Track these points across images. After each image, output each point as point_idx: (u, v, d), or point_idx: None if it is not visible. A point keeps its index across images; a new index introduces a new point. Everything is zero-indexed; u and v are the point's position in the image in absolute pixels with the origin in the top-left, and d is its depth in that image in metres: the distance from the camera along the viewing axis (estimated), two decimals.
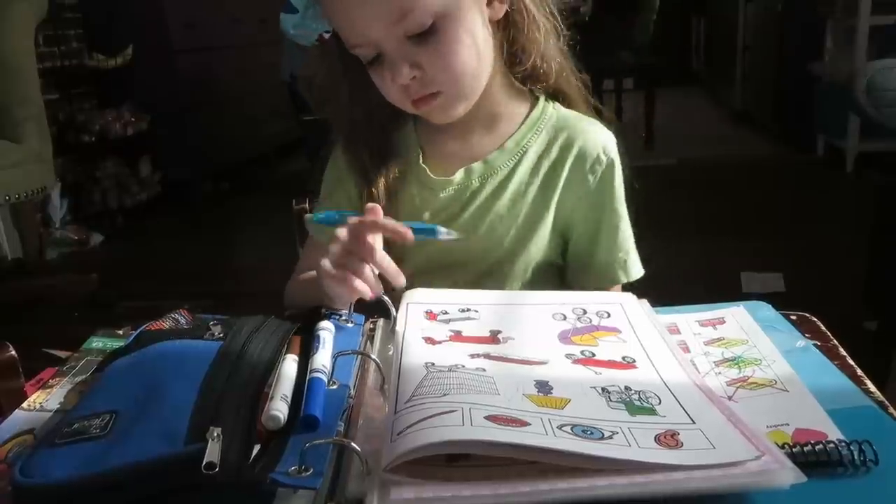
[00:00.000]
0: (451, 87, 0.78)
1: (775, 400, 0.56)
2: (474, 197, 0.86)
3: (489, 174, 0.86)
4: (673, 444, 0.48)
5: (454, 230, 0.80)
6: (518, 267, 0.87)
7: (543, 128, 0.87)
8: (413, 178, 0.87)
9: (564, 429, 0.49)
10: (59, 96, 3.44)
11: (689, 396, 0.56)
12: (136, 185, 3.65)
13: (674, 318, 0.74)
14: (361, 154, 0.86)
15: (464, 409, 0.50)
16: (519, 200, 0.86)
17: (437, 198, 0.86)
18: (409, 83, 0.76)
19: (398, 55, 0.74)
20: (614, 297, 0.77)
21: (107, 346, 0.74)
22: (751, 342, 0.67)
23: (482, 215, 0.85)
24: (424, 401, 0.53)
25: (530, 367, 0.62)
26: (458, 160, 0.87)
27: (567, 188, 0.86)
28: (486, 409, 0.51)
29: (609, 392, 0.56)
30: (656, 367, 0.61)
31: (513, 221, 0.86)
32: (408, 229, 0.69)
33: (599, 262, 0.88)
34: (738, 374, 0.61)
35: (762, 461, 0.46)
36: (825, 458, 0.48)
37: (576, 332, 0.69)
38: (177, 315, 0.71)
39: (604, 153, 0.87)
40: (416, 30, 0.73)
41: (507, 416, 0.50)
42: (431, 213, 0.86)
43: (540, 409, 0.53)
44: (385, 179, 0.85)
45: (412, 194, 0.87)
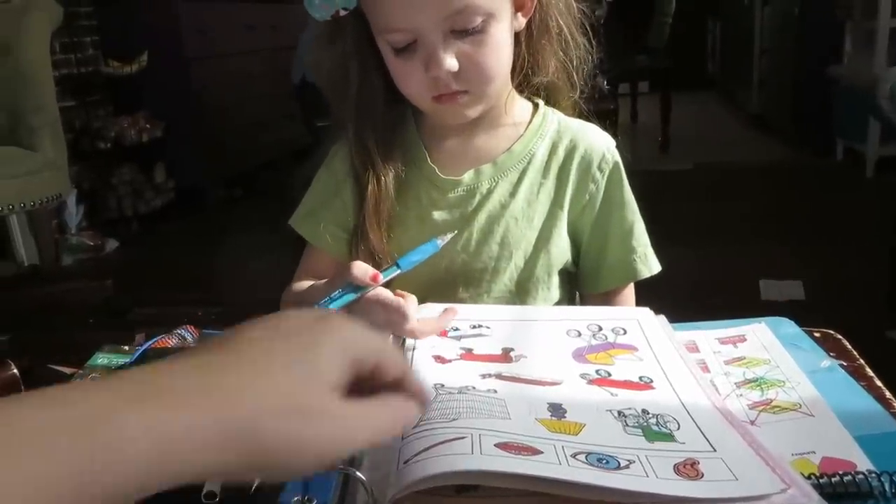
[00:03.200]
0: (480, 87, 0.78)
1: (800, 425, 0.54)
2: (487, 198, 0.85)
3: (500, 176, 0.85)
4: (693, 474, 0.46)
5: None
6: (540, 272, 0.86)
7: (547, 133, 0.87)
8: (420, 177, 0.86)
9: (579, 457, 0.47)
10: (75, 103, 3.46)
11: (710, 421, 0.54)
12: (151, 192, 3.66)
13: (692, 335, 0.72)
14: (369, 145, 0.84)
15: (473, 436, 0.48)
16: (533, 202, 0.86)
17: (446, 198, 0.85)
18: (441, 76, 0.75)
19: (441, 47, 0.74)
20: (631, 312, 0.75)
21: (112, 362, 0.72)
22: (773, 362, 0.64)
23: (498, 217, 0.85)
24: (433, 426, 0.51)
25: (543, 388, 0.60)
26: (464, 162, 0.86)
27: (576, 191, 0.86)
28: (497, 436, 0.49)
29: (626, 416, 0.54)
30: (674, 388, 0.59)
31: (528, 223, 0.85)
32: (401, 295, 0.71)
33: (613, 262, 0.88)
34: (761, 396, 0.59)
35: (788, 494, 0.44)
36: (854, 490, 0.46)
37: (591, 350, 0.67)
38: (182, 331, 0.69)
39: (608, 154, 0.87)
40: (465, 26, 0.73)
41: (518, 444, 0.48)
42: (441, 213, 0.85)
43: (553, 435, 0.51)
44: (395, 173, 0.84)
45: (419, 194, 0.86)
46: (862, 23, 3.78)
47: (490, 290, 0.86)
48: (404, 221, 0.85)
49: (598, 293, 0.89)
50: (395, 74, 0.79)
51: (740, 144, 4.84)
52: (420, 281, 0.84)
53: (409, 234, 0.84)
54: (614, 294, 0.89)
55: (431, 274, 0.84)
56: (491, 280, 0.85)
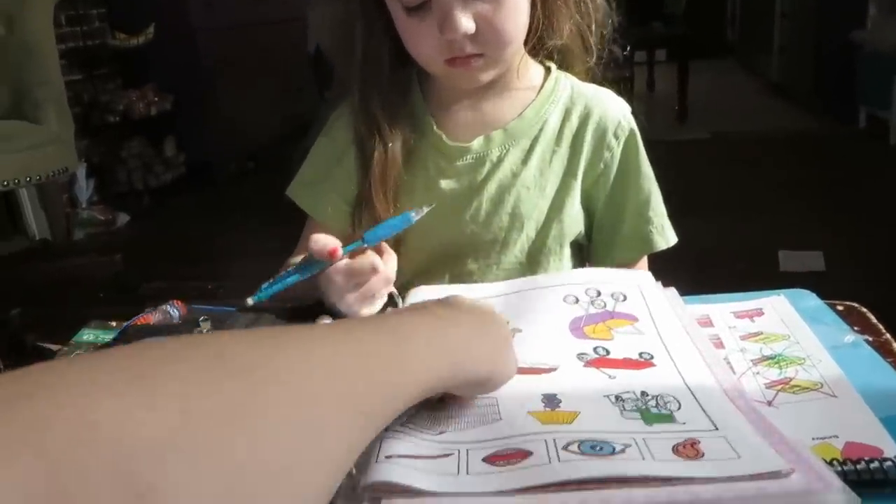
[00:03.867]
0: (496, 51, 0.75)
1: (822, 407, 0.50)
2: (497, 166, 0.81)
3: (510, 143, 0.82)
4: (693, 454, 0.43)
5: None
6: (552, 243, 0.83)
7: (560, 98, 0.84)
8: (426, 144, 0.82)
9: (571, 447, 0.44)
10: (82, 77, 3.43)
11: (713, 399, 0.50)
12: (161, 166, 3.64)
13: (706, 308, 0.68)
14: (375, 111, 0.80)
15: (460, 452, 0.45)
16: (545, 170, 0.82)
17: (453, 165, 0.82)
18: (456, 39, 0.72)
19: (458, 7, 0.70)
20: (630, 276, 0.70)
21: (98, 338, 0.70)
22: (793, 337, 0.60)
23: (508, 186, 0.81)
24: (420, 434, 0.48)
25: (538, 377, 0.56)
26: (472, 128, 0.82)
27: (591, 159, 0.83)
28: (484, 448, 0.46)
29: (623, 401, 0.51)
30: (676, 365, 0.55)
31: (541, 193, 0.82)
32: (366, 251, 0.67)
33: (627, 233, 0.84)
34: (779, 374, 0.55)
35: (802, 479, 0.40)
36: (882, 478, 0.42)
37: (588, 321, 0.63)
38: (169, 307, 0.66)
39: (624, 121, 0.84)
40: None
41: (507, 452, 0.45)
42: (448, 182, 0.82)
43: (544, 428, 0.47)
44: (402, 140, 0.81)
45: (426, 162, 0.82)
46: None
47: (500, 262, 0.82)
48: (411, 190, 0.82)
49: (611, 265, 0.85)
50: (406, 35, 0.75)
51: (760, 113, 4.74)
52: (427, 252, 0.82)
53: (417, 202, 0.80)
54: (627, 267, 0.85)
55: (438, 245, 0.82)
56: (501, 251, 0.82)
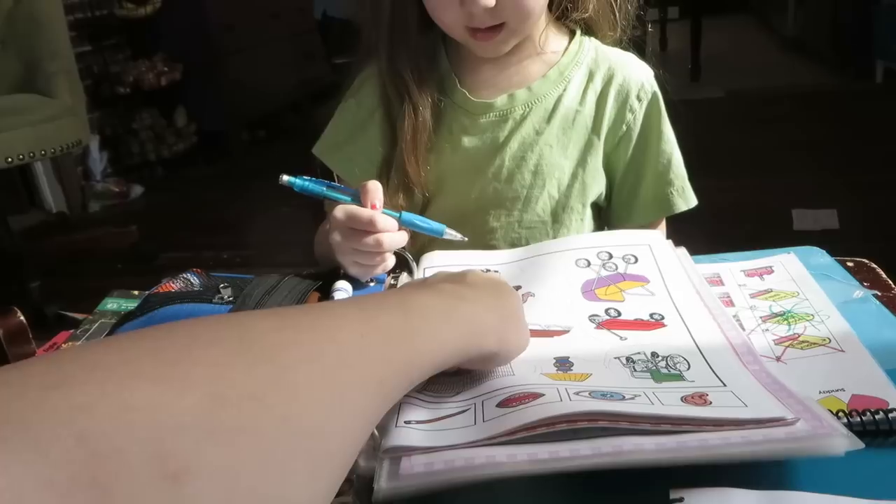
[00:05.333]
0: (518, 22, 0.76)
1: (829, 361, 0.51)
2: (520, 124, 0.82)
3: (534, 102, 0.83)
4: (701, 402, 0.44)
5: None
6: (575, 202, 0.84)
7: (583, 60, 0.84)
8: (450, 103, 0.83)
9: (582, 394, 0.45)
10: (91, 48, 3.43)
11: (722, 359, 0.51)
12: (173, 136, 3.65)
13: (717, 267, 0.68)
14: (404, 74, 0.81)
15: (476, 406, 0.47)
16: (568, 129, 0.83)
17: (477, 123, 0.83)
18: (477, 12, 0.72)
19: None
20: (642, 236, 0.71)
21: (122, 307, 0.72)
22: (802, 294, 0.61)
23: (532, 143, 0.82)
24: (438, 398, 0.49)
25: (551, 339, 0.57)
26: (496, 88, 0.83)
27: (614, 121, 0.84)
28: (499, 395, 0.47)
29: (634, 362, 0.52)
30: (687, 325, 0.57)
31: (563, 151, 0.83)
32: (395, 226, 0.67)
33: (648, 195, 0.85)
34: (788, 331, 0.56)
35: (807, 425, 0.41)
36: (886, 429, 0.43)
37: (600, 283, 0.64)
38: (189, 275, 0.68)
39: (647, 84, 0.85)
40: None
41: (520, 395, 0.46)
42: (471, 139, 0.83)
43: (556, 382, 0.49)
44: (431, 102, 0.82)
45: (449, 120, 0.83)
46: None
47: (522, 220, 0.84)
48: (436, 148, 0.83)
49: (630, 227, 0.86)
50: (430, 4, 0.77)
51: (775, 69, 4.66)
52: (450, 208, 0.84)
53: (442, 162, 0.83)
54: (647, 228, 0.86)
55: (462, 202, 0.83)
56: (523, 209, 0.84)
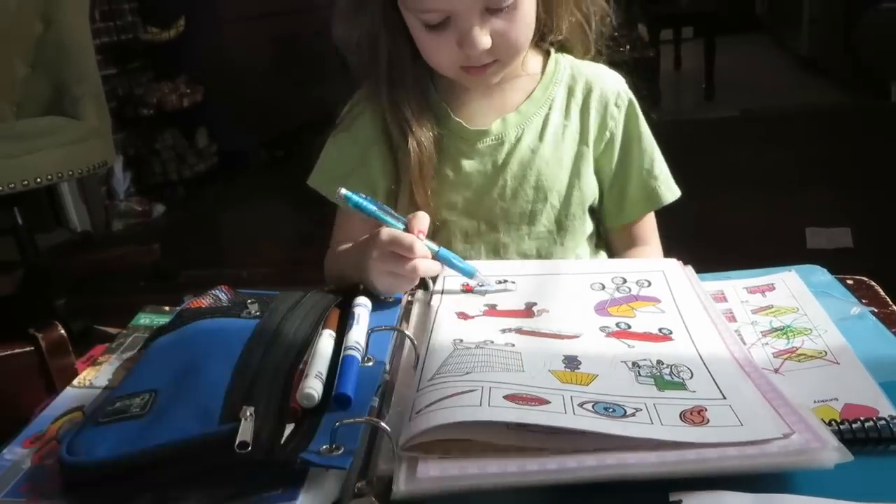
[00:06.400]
0: (509, 57, 0.82)
1: (824, 373, 0.54)
2: (516, 146, 0.87)
3: (525, 123, 0.88)
4: (698, 420, 0.47)
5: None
6: (576, 208, 0.89)
7: (562, 78, 0.90)
8: (447, 133, 0.88)
9: (585, 406, 0.48)
10: (116, 71, 3.51)
11: (724, 370, 0.54)
12: (194, 156, 3.72)
13: (721, 284, 0.71)
14: (405, 110, 0.86)
15: (483, 389, 0.50)
16: (560, 143, 0.89)
17: (475, 149, 0.88)
18: (475, 54, 0.78)
19: (477, 26, 0.76)
20: (656, 264, 0.74)
21: (154, 322, 0.75)
22: (801, 310, 0.64)
23: (529, 162, 0.87)
24: (447, 379, 0.52)
25: (561, 341, 0.60)
26: (488, 114, 0.88)
27: (598, 129, 0.90)
28: (507, 388, 0.50)
29: (640, 367, 0.55)
30: (693, 339, 0.59)
31: (559, 165, 0.88)
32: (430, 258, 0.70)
33: (636, 192, 0.91)
34: (787, 344, 0.59)
35: (801, 438, 0.44)
36: (875, 436, 0.46)
37: (613, 303, 0.67)
38: (217, 291, 0.72)
39: (622, 92, 0.91)
40: (500, 4, 0.76)
41: (527, 395, 0.49)
42: (472, 163, 0.87)
43: (563, 386, 0.52)
44: (432, 133, 0.86)
45: (448, 149, 0.88)
46: None
47: (530, 232, 0.89)
48: (439, 175, 0.88)
49: (622, 224, 0.93)
50: (425, 48, 0.82)
51: (789, 89, 4.67)
52: (461, 229, 0.89)
53: (448, 187, 0.88)
54: (637, 223, 0.93)
55: (471, 223, 0.88)
56: (530, 223, 0.89)
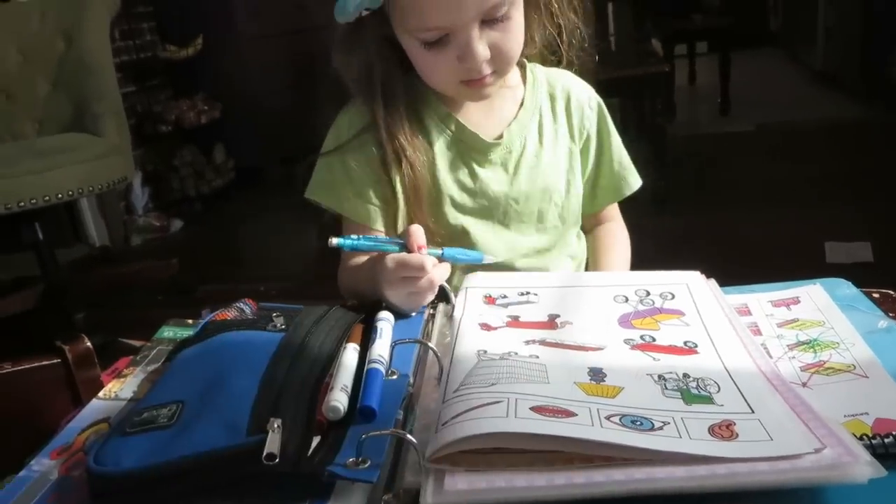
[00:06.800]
0: (504, 68, 0.84)
1: (853, 387, 0.53)
2: (522, 154, 0.92)
3: (525, 131, 0.93)
4: (727, 434, 0.46)
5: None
6: (574, 203, 0.96)
7: (541, 85, 0.96)
8: (460, 145, 0.91)
9: (612, 419, 0.48)
10: (135, 88, 3.57)
11: (751, 384, 0.53)
12: (212, 172, 3.76)
13: (745, 297, 0.71)
14: (399, 136, 0.87)
15: (509, 400, 0.49)
16: (555, 145, 0.95)
17: (488, 158, 0.91)
18: (476, 67, 0.80)
19: (475, 38, 0.78)
20: (680, 276, 0.74)
21: (177, 335, 0.76)
22: (827, 323, 0.63)
23: (536, 167, 0.93)
24: (472, 390, 0.52)
25: (585, 353, 0.60)
26: (489, 126, 0.92)
27: (579, 128, 0.96)
28: (533, 400, 0.50)
29: (666, 380, 0.54)
30: (719, 353, 0.59)
31: (558, 165, 0.94)
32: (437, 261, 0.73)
33: (606, 183, 1.00)
34: (814, 358, 0.58)
35: (832, 453, 0.43)
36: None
37: (637, 316, 0.67)
38: (242, 304, 0.72)
39: (593, 95, 0.99)
40: (494, 16, 0.78)
41: (553, 407, 0.49)
42: (487, 172, 0.91)
43: (589, 399, 0.51)
44: (426, 157, 0.89)
45: (464, 159, 0.91)
46: None
47: (539, 229, 0.94)
48: (461, 185, 0.90)
49: (594, 211, 1.02)
50: (424, 67, 0.84)
51: (805, 103, 4.65)
52: (485, 229, 0.92)
53: (465, 195, 0.90)
54: (605, 210, 1.03)
55: (491, 224, 0.91)
56: (539, 220, 0.94)
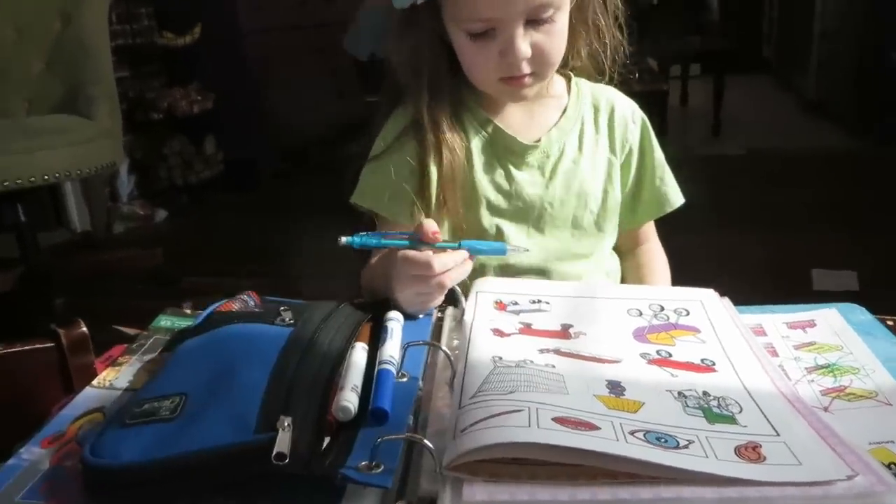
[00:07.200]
0: (544, 70, 0.86)
1: (877, 414, 0.52)
2: (560, 158, 0.93)
3: (565, 138, 0.94)
4: (755, 457, 0.45)
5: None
6: (610, 212, 0.96)
7: (586, 97, 0.98)
8: (496, 147, 0.92)
9: (637, 435, 0.46)
10: (129, 74, 3.51)
11: (774, 406, 0.52)
12: (201, 164, 3.71)
13: (759, 318, 0.70)
14: (442, 122, 0.88)
15: (530, 409, 0.48)
16: (594, 154, 0.96)
17: (524, 161, 0.92)
18: (516, 63, 0.82)
19: (519, 35, 0.80)
20: (694, 293, 0.73)
21: (175, 324, 0.74)
22: (846, 348, 0.62)
23: (572, 173, 0.94)
24: (490, 397, 0.51)
25: (602, 365, 0.59)
26: (530, 129, 0.94)
27: (622, 141, 0.97)
28: (554, 410, 0.48)
29: (686, 397, 0.53)
30: (737, 372, 0.58)
31: (595, 175, 0.95)
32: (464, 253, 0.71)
33: (648, 196, 0.99)
34: (834, 382, 0.57)
35: (865, 481, 0.42)
36: None
37: (652, 330, 0.66)
38: (246, 297, 0.70)
39: (637, 110, 0.99)
40: (540, 16, 0.80)
41: (576, 419, 0.48)
42: (523, 174, 0.92)
43: (611, 412, 0.50)
44: (465, 146, 0.90)
45: (501, 160, 0.92)
46: None
47: (573, 234, 0.95)
48: (496, 186, 0.91)
49: (632, 227, 1.01)
50: (467, 58, 0.86)
51: (796, 131, 4.70)
52: (517, 232, 0.92)
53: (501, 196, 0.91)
54: (644, 228, 1.03)
55: (525, 227, 0.92)
56: (574, 226, 0.95)
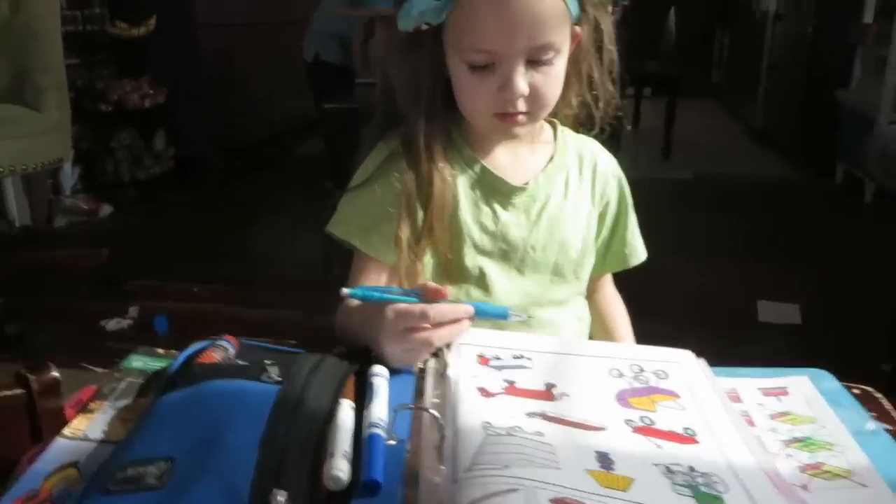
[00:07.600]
0: (538, 111, 0.87)
1: (855, 496, 0.54)
2: (546, 205, 0.94)
3: (551, 184, 0.95)
4: None
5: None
6: (587, 260, 0.98)
7: (570, 146, 0.99)
8: (484, 186, 0.92)
9: None
10: (78, 62, 3.40)
11: (757, 483, 0.54)
12: (150, 159, 3.61)
13: (733, 382, 0.72)
14: (435, 149, 0.88)
15: (527, 490, 0.48)
16: (577, 203, 0.97)
17: (511, 202, 0.93)
18: (513, 99, 0.82)
19: (519, 71, 0.81)
20: (671, 354, 0.74)
21: (147, 366, 0.71)
22: (819, 421, 0.64)
23: (558, 219, 0.94)
24: (485, 472, 0.51)
25: (589, 433, 0.60)
26: (513, 171, 0.93)
27: (601, 194, 0.99)
28: (550, 490, 0.49)
29: (673, 472, 0.54)
30: (719, 445, 0.59)
31: (577, 222, 0.96)
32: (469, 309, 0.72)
33: (615, 250, 1.02)
34: (810, 458, 0.59)
35: None
36: None
37: (634, 394, 0.67)
38: (224, 342, 0.68)
39: (616, 167, 1.02)
40: (540, 57, 0.81)
41: (571, 500, 0.48)
42: (509, 216, 0.92)
43: (604, 491, 0.51)
44: (452, 177, 0.90)
45: (487, 200, 0.92)
46: (874, 50, 3.79)
47: (553, 279, 0.96)
48: (480, 226, 0.91)
49: (596, 275, 1.03)
50: (465, 89, 0.86)
51: (742, 157, 4.86)
52: (500, 274, 0.93)
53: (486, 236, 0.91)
54: (606, 276, 1.07)
55: (508, 270, 0.93)
56: (553, 272, 0.95)
